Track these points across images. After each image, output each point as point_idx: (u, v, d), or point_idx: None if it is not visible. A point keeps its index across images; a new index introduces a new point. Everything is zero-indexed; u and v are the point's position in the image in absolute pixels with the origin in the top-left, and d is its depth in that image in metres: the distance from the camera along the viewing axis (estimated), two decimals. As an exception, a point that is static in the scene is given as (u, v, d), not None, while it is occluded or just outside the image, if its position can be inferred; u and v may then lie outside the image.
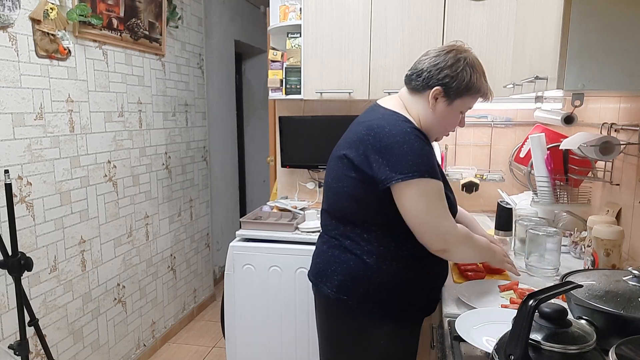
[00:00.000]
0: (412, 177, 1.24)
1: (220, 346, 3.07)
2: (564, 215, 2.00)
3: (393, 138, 1.27)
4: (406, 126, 1.30)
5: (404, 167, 1.24)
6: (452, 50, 1.35)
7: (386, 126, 1.30)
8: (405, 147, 1.26)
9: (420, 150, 1.27)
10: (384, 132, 1.29)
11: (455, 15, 2.18)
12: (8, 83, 1.90)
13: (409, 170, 1.24)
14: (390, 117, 1.34)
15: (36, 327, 1.72)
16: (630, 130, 1.58)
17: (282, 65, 2.47)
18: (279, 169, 2.87)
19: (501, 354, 0.79)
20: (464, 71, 1.31)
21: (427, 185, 1.26)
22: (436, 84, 1.33)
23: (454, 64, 1.32)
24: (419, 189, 1.26)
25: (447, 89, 1.33)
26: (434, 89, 1.33)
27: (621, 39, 1.09)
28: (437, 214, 1.28)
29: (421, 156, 1.26)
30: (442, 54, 1.34)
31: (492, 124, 2.55)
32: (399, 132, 1.28)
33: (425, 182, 1.25)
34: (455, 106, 1.36)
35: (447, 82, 1.32)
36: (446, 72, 1.32)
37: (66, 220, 2.23)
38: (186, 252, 3.40)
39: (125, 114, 2.64)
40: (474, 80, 1.33)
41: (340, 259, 1.40)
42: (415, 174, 1.24)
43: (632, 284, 1.04)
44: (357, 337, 1.42)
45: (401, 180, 1.24)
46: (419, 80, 1.35)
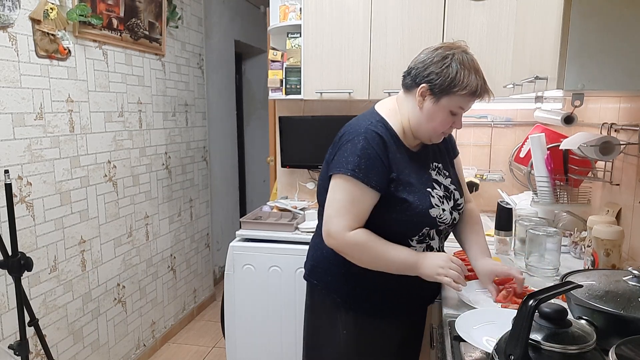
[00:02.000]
0: (338, 171, 1.31)
1: (220, 346, 3.07)
2: (564, 215, 2.00)
3: (346, 136, 1.34)
4: (364, 126, 1.33)
5: (338, 162, 1.32)
6: (442, 47, 1.32)
7: (351, 125, 1.38)
8: (349, 145, 1.31)
9: (358, 150, 1.29)
10: (345, 130, 1.37)
11: (455, 15, 2.18)
12: (8, 83, 1.90)
13: (340, 165, 1.31)
14: (362, 117, 1.40)
15: (36, 327, 1.72)
16: (630, 130, 1.58)
17: (282, 65, 2.47)
18: (279, 169, 2.87)
19: (501, 354, 0.79)
20: (449, 67, 1.27)
21: (344, 183, 1.30)
22: (422, 81, 1.31)
23: (439, 60, 1.29)
24: (336, 183, 1.32)
25: (432, 86, 1.29)
26: (420, 86, 1.31)
27: (621, 39, 1.09)
28: (335, 209, 1.32)
29: (355, 156, 1.29)
30: (431, 51, 1.32)
31: (492, 124, 2.55)
32: (354, 130, 1.34)
33: (345, 179, 1.30)
34: (443, 105, 1.31)
35: (432, 79, 1.29)
36: (431, 69, 1.29)
37: (66, 220, 2.23)
38: (186, 252, 3.40)
39: (125, 114, 2.64)
40: (460, 78, 1.27)
41: (316, 246, 1.51)
42: (341, 170, 1.30)
43: (632, 284, 1.04)
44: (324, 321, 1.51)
45: (332, 172, 1.33)
46: (408, 78, 1.36)
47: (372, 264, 1.35)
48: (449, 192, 1.44)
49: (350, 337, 1.45)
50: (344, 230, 1.30)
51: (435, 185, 1.41)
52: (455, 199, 1.46)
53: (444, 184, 1.44)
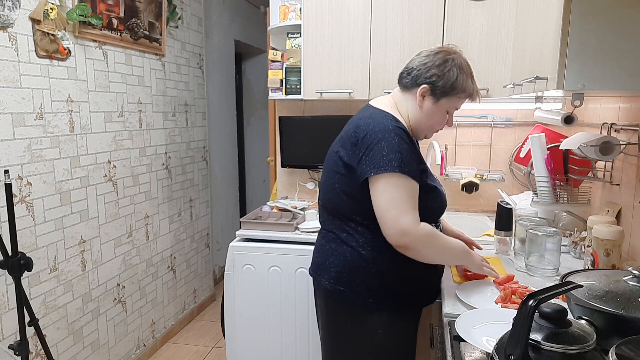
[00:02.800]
0: (383, 171, 1.30)
1: (220, 346, 3.07)
2: (564, 215, 2.00)
3: (375, 135, 1.34)
4: (389, 123, 1.36)
5: (377, 162, 1.31)
6: (442, 51, 1.42)
7: (371, 123, 1.37)
8: (383, 143, 1.32)
9: (396, 146, 1.32)
10: (368, 129, 1.36)
11: (455, 15, 2.18)
12: (8, 83, 1.90)
13: (381, 164, 1.30)
14: (377, 115, 1.41)
15: (36, 327, 1.72)
16: (630, 130, 1.58)
17: (282, 65, 2.47)
18: (279, 169, 2.87)
19: (501, 354, 0.79)
20: (451, 71, 1.38)
21: (396, 180, 1.31)
22: (424, 82, 1.40)
23: (441, 64, 1.39)
24: (387, 182, 1.31)
25: (433, 87, 1.40)
26: (422, 87, 1.40)
27: (621, 39, 1.09)
28: (398, 207, 1.31)
29: (396, 152, 1.31)
30: (432, 54, 1.42)
31: (492, 124, 2.55)
32: (381, 129, 1.34)
33: (395, 176, 1.31)
34: (442, 105, 1.42)
35: (434, 81, 1.39)
36: (434, 72, 1.39)
37: (66, 220, 2.23)
38: (186, 252, 3.40)
39: (125, 114, 2.64)
40: (460, 81, 1.39)
41: (337, 252, 1.47)
42: (387, 168, 1.30)
43: (632, 284, 1.04)
44: (356, 327, 1.47)
45: (373, 173, 1.32)
46: (408, 78, 1.44)
47: (437, 256, 1.41)
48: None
49: (386, 336, 1.46)
50: (416, 225, 1.32)
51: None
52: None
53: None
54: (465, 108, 2.53)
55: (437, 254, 1.40)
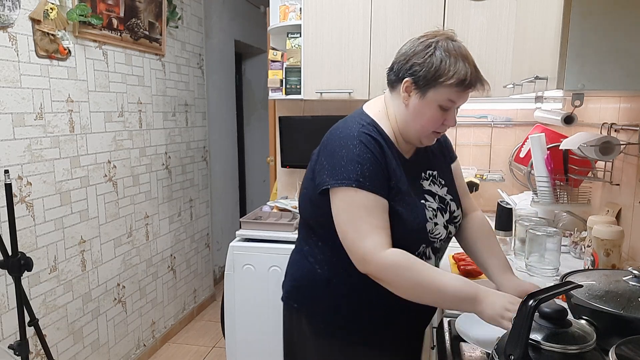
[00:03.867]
0: (340, 184, 1.12)
1: (220, 346, 3.07)
2: (564, 215, 2.00)
3: (337, 141, 1.17)
4: (357, 129, 1.17)
5: (335, 172, 1.13)
6: (425, 35, 1.19)
7: (338, 128, 1.21)
8: (344, 151, 1.14)
9: (356, 157, 1.13)
10: (333, 134, 1.20)
11: (455, 15, 2.18)
12: (8, 83, 1.90)
13: (338, 176, 1.13)
14: (352, 118, 1.23)
15: (36, 327, 1.72)
16: (630, 130, 1.58)
17: (282, 65, 2.47)
18: (279, 169, 2.87)
19: (501, 354, 0.79)
20: (433, 56, 1.13)
21: (353, 196, 1.12)
22: (405, 75, 1.17)
23: (422, 50, 1.15)
24: (344, 198, 1.13)
25: (416, 79, 1.15)
26: (404, 81, 1.17)
27: (621, 39, 1.09)
28: (357, 230, 1.11)
29: (354, 163, 1.12)
30: (413, 41, 1.19)
31: (492, 124, 2.55)
32: (345, 135, 1.17)
33: (352, 192, 1.12)
34: (430, 99, 1.16)
35: (415, 71, 1.15)
36: (414, 60, 1.15)
37: (66, 220, 2.23)
38: (186, 252, 3.40)
39: (125, 114, 2.64)
40: (445, 66, 1.12)
41: (297, 264, 1.34)
42: (343, 182, 1.12)
43: (632, 284, 1.04)
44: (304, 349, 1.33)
45: (330, 186, 1.14)
46: (392, 74, 1.22)
47: (418, 292, 1.11)
48: (444, 203, 1.28)
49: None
50: (379, 250, 1.09)
51: (428, 196, 1.25)
52: (452, 211, 1.30)
53: (438, 195, 1.28)
54: (465, 108, 2.55)
55: (415, 289, 1.10)
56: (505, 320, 1.01)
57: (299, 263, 1.33)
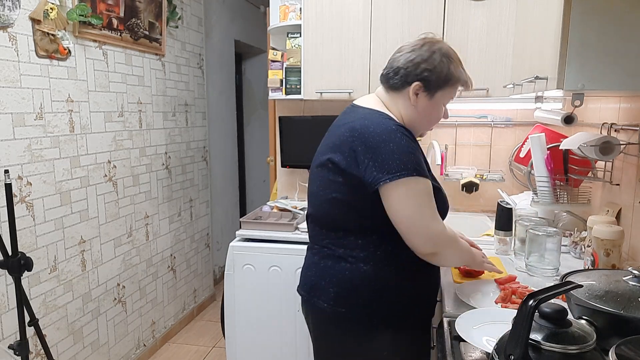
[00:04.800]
0: (400, 176, 1.19)
1: (220, 346, 3.07)
2: (564, 215, 2.00)
3: (379, 137, 1.22)
4: (390, 124, 1.25)
5: (391, 167, 1.19)
6: (426, 43, 1.31)
7: (370, 125, 1.25)
8: (392, 145, 1.21)
9: (406, 148, 1.22)
10: (368, 131, 1.24)
11: (455, 15, 2.18)
12: (8, 83, 1.90)
13: (397, 169, 1.19)
14: (373, 115, 1.29)
15: (36, 327, 1.72)
16: (630, 130, 1.58)
17: (282, 65, 2.47)
18: (279, 169, 2.87)
19: (501, 354, 0.79)
20: (441, 63, 1.28)
21: (416, 185, 1.21)
22: (415, 80, 1.29)
23: (429, 57, 1.28)
24: (408, 189, 1.20)
25: (426, 83, 1.29)
26: (414, 85, 1.29)
27: (621, 38, 1.09)
28: (427, 215, 1.23)
29: (408, 154, 1.21)
30: (417, 49, 1.30)
31: (492, 124, 2.55)
32: (384, 130, 1.23)
33: (414, 181, 1.21)
34: (437, 99, 1.32)
35: (426, 76, 1.29)
36: (424, 67, 1.28)
37: (66, 220, 2.23)
38: (186, 252, 3.40)
39: (125, 114, 2.64)
40: (452, 71, 1.30)
41: (334, 269, 1.32)
42: (403, 173, 1.19)
43: (632, 284, 1.04)
44: (359, 350, 1.34)
45: (389, 180, 1.19)
46: (396, 79, 1.32)
47: (457, 258, 1.36)
48: None
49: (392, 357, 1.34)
50: (445, 229, 1.26)
51: None
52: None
53: None
54: (465, 108, 2.55)
55: (457, 256, 1.35)
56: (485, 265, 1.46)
57: (336, 267, 1.32)
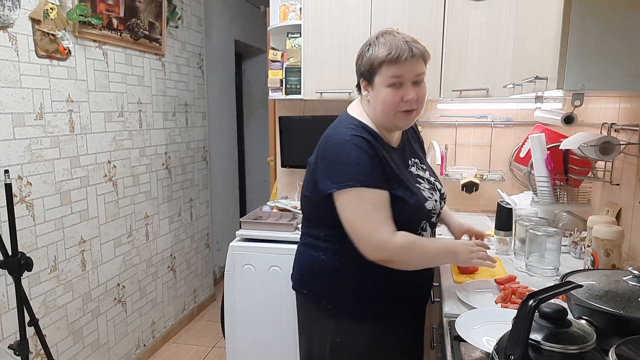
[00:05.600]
0: (345, 186, 1.26)
1: (220, 346, 3.07)
2: (564, 215, 2.00)
3: (332, 147, 1.31)
4: (346, 134, 1.31)
5: (338, 177, 1.27)
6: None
7: (331, 135, 1.35)
8: (341, 156, 1.28)
9: (354, 159, 1.27)
10: (327, 141, 1.34)
11: (455, 15, 2.17)
12: (8, 83, 1.90)
13: (342, 179, 1.27)
14: (341, 123, 1.37)
15: (36, 327, 1.72)
16: (630, 130, 1.58)
17: (282, 65, 2.47)
18: (279, 169, 2.87)
19: (501, 354, 0.79)
20: (363, 51, 1.35)
21: (360, 195, 1.26)
22: (359, 78, 1.40)
23: (361, 52, 1.37)
24: (350, 198, 1.27)
25: (362, 75, 1.37)
26: (361, 82, 1.40)
27: (621, 39, 1.09)
28: (369, 223, 1.27)
29: (354, 165, 1.27)
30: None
31: (492, 124, 2.55)
32: (339, 140, 1.31)
33: (357, 191, 1.26)
34: (377, 84, 1.32)
35: (362, 71, 1.36)
36: (358, 62, 1.38)
37: (66, 220, 2.23)
38: (186, 252, 3.40)
39: (125, 114, 2.64)
40: (374, 52, 1.30)
41: (303, 254, 1.50)
42: (348, 184, 1.26)
43: (632, 284, 1.04)
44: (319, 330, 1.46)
45: (335, 189, 1.28)
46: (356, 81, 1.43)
47: (420, 263, 1.36)
48: (431, 184, 1.46)
49: (344, 345, 1.42)
50: (391, 238, 1.27)
51: (419, 179, 1.43)
52: (439, 189, 1.49)
53: (425, 178, 1.46)
54: (465, 108, 2.55)
55: (420, 260, 1.35)
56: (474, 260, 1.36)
57: (305, 253, 1.49)
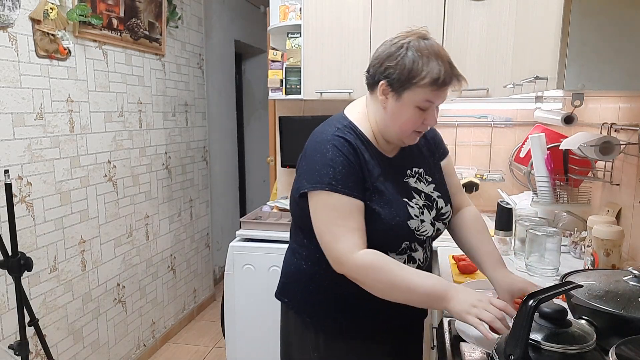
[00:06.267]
0: (315, 188, 1.17)
1: (220, 346, 3.07)
2: (564, 215, 2.00)
3: (312, 146, 1.22)
4: (331, 132, 1.21)
5: (310, 177, 1.18)
6: (397, 37, 1.20)
7: (315, 133, 1.26)
8: (318, 156, 1.19)
9: (329, 161, 1.16)
10: (311, 139, 1.25)
11: (455, 15, 2.17)
12: (8, 83, 1.90)
13: (313, 180, 1.17)
14: (329, 122, 1.27)
15: (36, 327, 1.72)
16: (630, 130, 1.58)
17: (282, 65, 2.47)
18: (279, 169, 2.87)
19: (501, 354, 0.79)
20: (405, 58, 1.14)
21: (327, 200, 1.16)
22: (380, 78, 1.18)
23: (394, 52, 1.16)
24: (318, 202, 1.18)
25: (390, 81, 1.16)
26: (380, 84, 1.18)
27: (621, 38, 1.09)
28: (331, 232, 1.16)
29: (327, 167, 1.16)
30: (388, 44, 1.20)
31: (492, 124, 2.55)
32: (320, 139, 1.21)
33: (326, 195, 1.15)
34: (406, 100, 1.16)
35: (389, 74, 1.16)
36: (387, 63, 1.16)
37: (66, 220, 2.23)
38: (186, 252, 3.40)
39: (125, 114, 2.64)
40: (418, 67, 1.12)
41: (287, 261, 1.40)
42: (317, 186, 1.16)
43: (632, 284, 1.04)
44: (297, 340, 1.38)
45: (306, 189, 1.19)
46: (368, 77, 1.23)
47: (390, 292, 1.13)
48: (430, 200, 1.29)
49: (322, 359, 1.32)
50: (351, 251, 1.13)
51: (414, 193, 1.26)
52: (439, 207, 1.30)
53: (424, 192, 1.29)
54: (465, 108, 2.55)
55: (388, 290, 1.12)
56: (470, 315, 1.01)
57: (288, 260, 1.40)
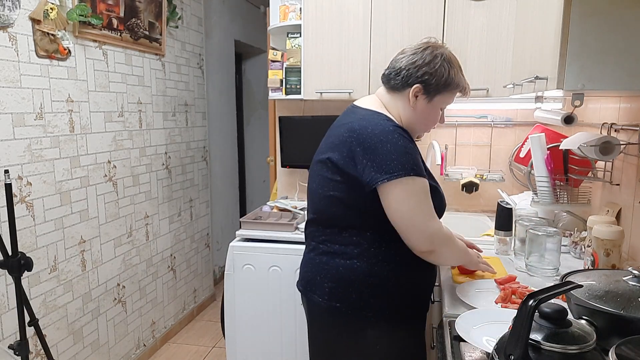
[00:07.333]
0: (397, 176, 1.23)
1: (220, 346, 3.07)
2: (564, 215, 2.00)
3: (376, 138, 1.26)
4: (388, 125, 1.30)
5: (388, 167, 1.23)
6: (428, 47, 1.36)
7: (368, 126, 1.29)
8: (389, 146, 1.25)
9: (403, 148, 1.25)
10: (366, 132, 1.28)
11: (455, 15, 2.17)
12: (8, 83, 1.90)
13: (394, 169, 1.23)
14: (371, 117, 1.34)
15: (36, 327, 1.72)
16: (630, 130, 1.58)
17: (282, 65, 2.47)
18: (279, 169, 2.87)
19: (501, 354, 0.79)
20: (442, 67, 1.33)
21: (413, 184, 1.25)
22: (415, 82, 1.35)
23: (431, 60, 1.34)
24: (405, 188, 1.24)
25: (426, 86, 1.34)
26: (414, 87, 1.35)
27: (621, 38, 1.09)
28: (424, 213, 1.27)
29: (405, 154, 1.25)
30: (419, 52, 1.36)
31: (492, 124, 2.55)
32: (382, 131, 1.27)
33: (411, 180, 1.24)
34: (436, 102, 1.37)
35: (426, 79, 1.34)
36: (425, 70, 1.33)
37: (66, 220, 2.23)
38: (186, 252, 3.40)
39: (125, 114, 2.64)
40: (452, 76, 1.35)
41: (329, 265, 1.37)
42: (401, 173, 1.23)
43: (632, 284, 1.04)
44: (353, 344, 1.37)
45: (387, 180, 1.23)
46: (397, 79, 1.37)
47: (453, 257, 1.40)
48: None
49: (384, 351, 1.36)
50: (442, 227, 1.30)
51: None
52: None
53: None
54: (465, 108, 2.55)
55: (454, 254, 1.39)
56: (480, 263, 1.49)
57: (330, 263, 1.37)
